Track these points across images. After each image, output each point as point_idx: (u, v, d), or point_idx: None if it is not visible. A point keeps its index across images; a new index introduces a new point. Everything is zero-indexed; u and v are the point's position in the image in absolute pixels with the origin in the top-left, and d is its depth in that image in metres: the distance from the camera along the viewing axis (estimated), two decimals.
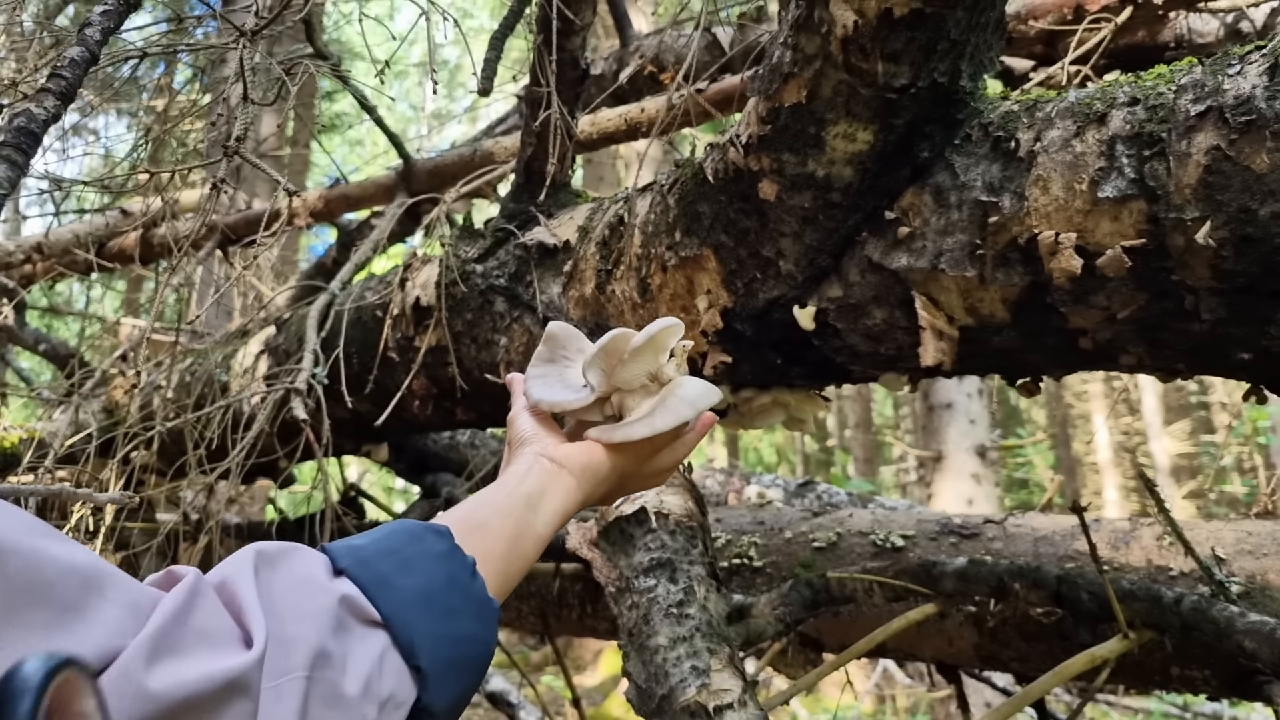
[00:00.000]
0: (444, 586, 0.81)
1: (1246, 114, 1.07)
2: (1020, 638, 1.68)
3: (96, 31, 1.63)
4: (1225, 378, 1.34)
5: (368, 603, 0.75)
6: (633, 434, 1.09)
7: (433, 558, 0.83)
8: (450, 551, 0.85)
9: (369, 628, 0.74)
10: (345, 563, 0.78)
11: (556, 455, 1.07)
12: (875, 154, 1.31)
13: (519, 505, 0.99)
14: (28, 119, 1.58)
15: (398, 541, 0.84)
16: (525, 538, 0.98)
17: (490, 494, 1.00)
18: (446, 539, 0.87)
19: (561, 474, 1.05)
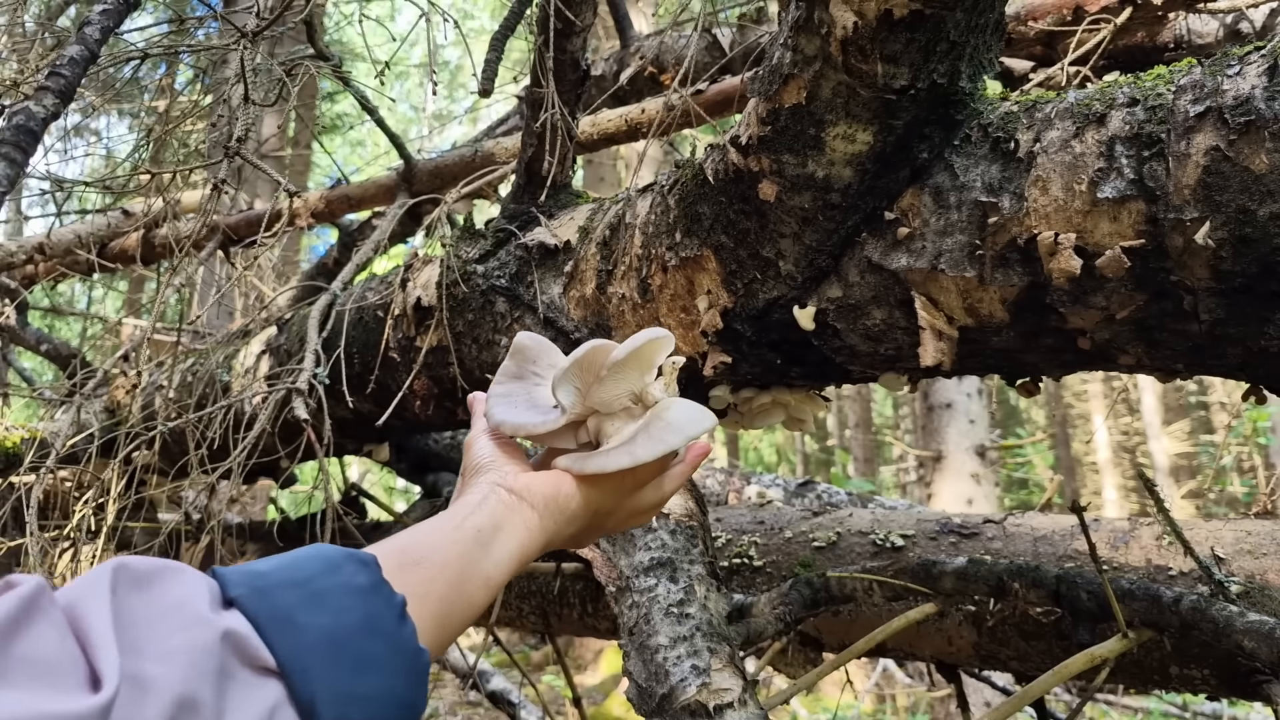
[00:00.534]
0: (361, 629, 0.67)
1: (1245, 115, 1.07)
2: (1019, 637, 1.68)
3: (96, 30, 1.63)
4: (1224, 378, 1.34)
5: (260, 643, 0.61)
6: (609, 464, 0.95)
7: (351, 593, 0.69)
8: (374, 586, 0.71)
9: (258, 675, 0.60)
10: (238, 590, 0.64)
11: (517, 486, 0.93)
12: (875, 155, 1.31)
13: (467, 540, 0.85)
14: (27, 117, 1.59)
15: (309, 569, 0.70)
16: (472, 579, 0.83)
17: (435, 525, 0.87)
18: (371, 571, 0.72)
19: (521, 508, 0.92)
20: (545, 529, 0.93)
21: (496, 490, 0.93)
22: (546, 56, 1.79)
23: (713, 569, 1.57)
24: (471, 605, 0.84)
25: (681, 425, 0.97)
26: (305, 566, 0.70)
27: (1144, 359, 1.30)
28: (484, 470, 0.97)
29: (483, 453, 1.00)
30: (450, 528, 0.87)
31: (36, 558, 2.12)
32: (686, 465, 1.06)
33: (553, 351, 1.10)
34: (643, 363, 1.01)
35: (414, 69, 17.49)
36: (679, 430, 0.96)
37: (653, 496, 1.04)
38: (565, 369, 0.99)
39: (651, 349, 1.00)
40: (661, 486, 1.05)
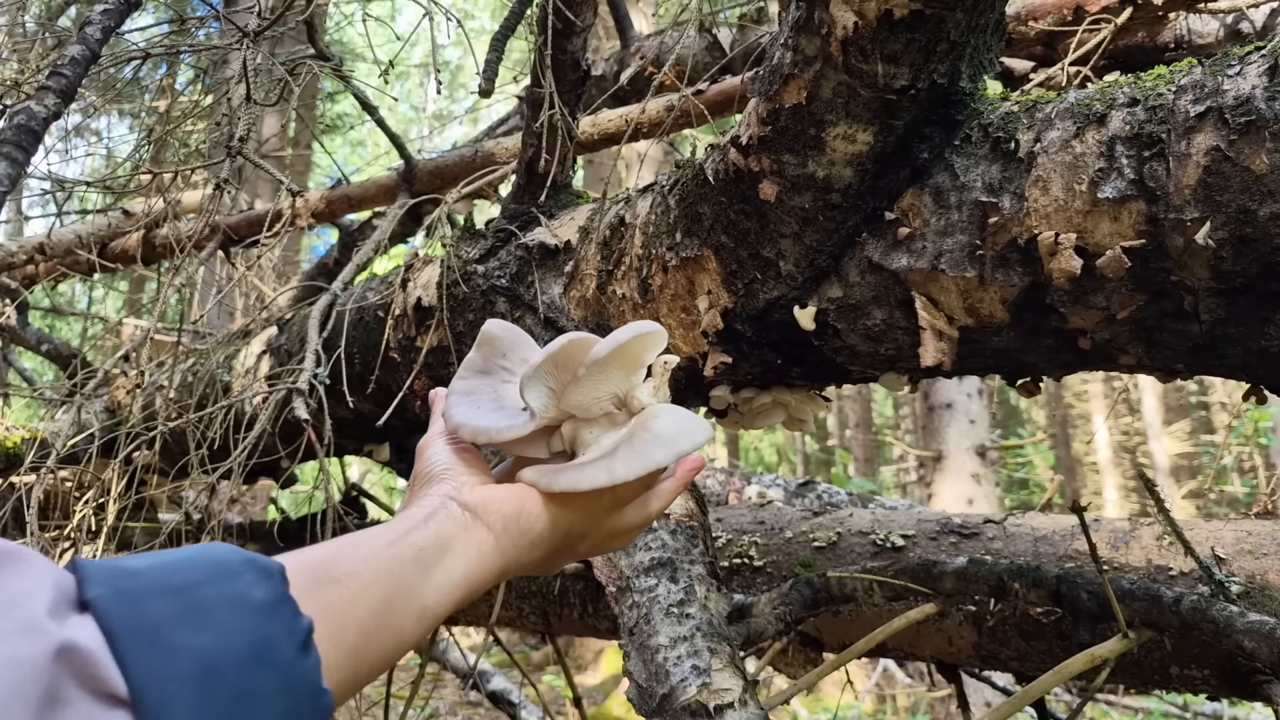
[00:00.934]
0: (249, 657, 0.53)
1: (1246, 115, 1.07)
2: (1020, 637, 1.68)
3: (97, 30, 1.63)
4: (1224, 378, 1.34)
5: (111, 664, 0.48)
6: (581, 482, 0.82)
7: (244, 609, 0.56)
8: (274, 604, 0.58)
9: (101, 706, 0.46)
10: (97, 590, 0.51)
11: (472, 501, 0.81)
12: (875, 155, 1.31)
13: (405, 559, 0.73)
14: (28, 116, 1.59)
15: (195, 573, 0.57)
16: (404, 607, 0.71)
17: (368, 536, 0.74)
18: (274, 584, 0.60)
19: (475, 527, 0.79)
20: (502, 553, 0.80)
21: (448, 504, 0.80)
22: (546, 56, 1.79)
23: (713, 569, 1.57)
24: (399, 638, 0.70)
25: (670, 438, 0.83)
26: (190, 569, 0.57)
27: (1144, 359, 1.30)
28: (436, 480, 0.85)
29: (437, 459, 0.89)
30: (386, 542, 0.74)
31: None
32: (677, 481, 0.93)
33: (526, 344, 0.98)
34: (629, 361, 0.89)
35: (415, 69, 17.49)
36: (667, 444, 0.83)
37: (635, 517, 0.91)
38: (537, 365, 0.87)
39: (639, 345, 0.88)
40: (646, 505, 0.92)
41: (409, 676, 4.14)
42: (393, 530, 0.76)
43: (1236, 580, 1.57)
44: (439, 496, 0.82)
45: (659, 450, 0.83)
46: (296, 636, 0.58)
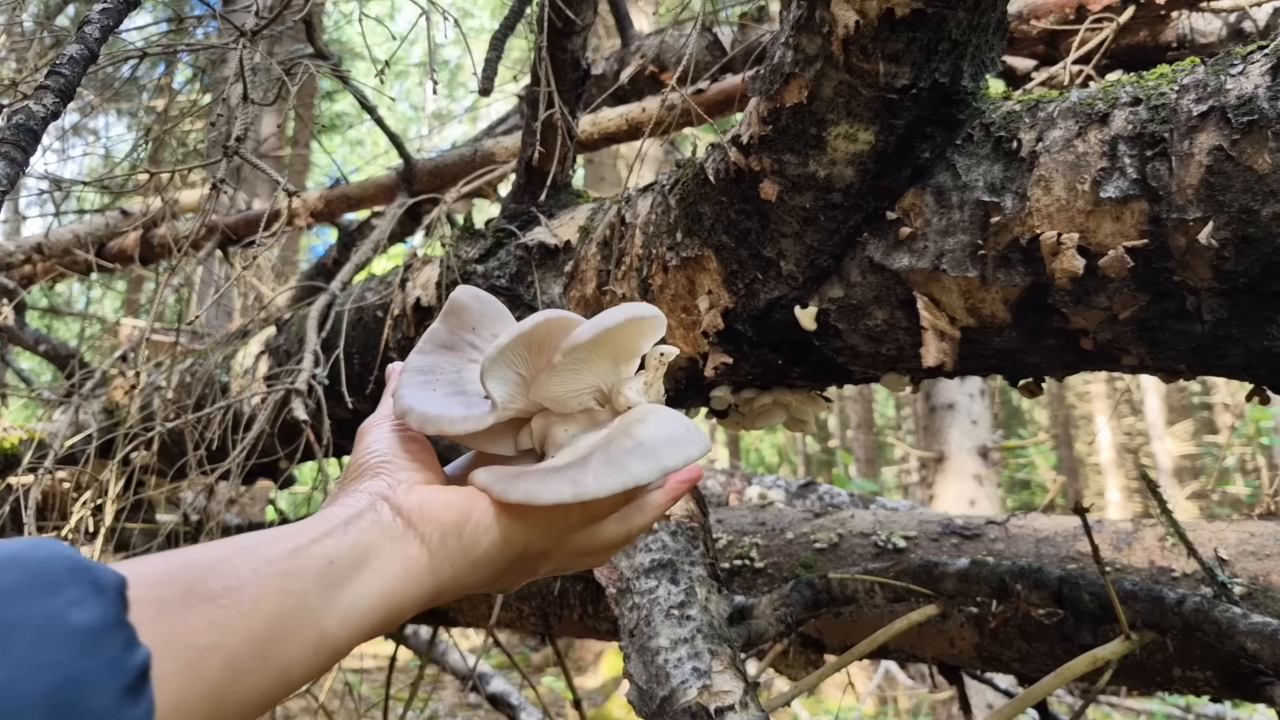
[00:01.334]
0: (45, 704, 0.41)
1: (1249, 114, 1.07)
2: (1022, 639, 1.68)
3: (96, 29, 1.62)
4: (1227, 378, 1.34)
5: None
6: (541, 494, 0.68)
7: (56, 635, 0.44)
8: (99, 631, 0.46)
9: None
10: None
11: (407, 504, 0.67)
12: (876, 154, 1.30)
13: (305, 574, 0.59)
14: (26, 116, 1.58)
15: (5, 579, 0.45)
16: (295, 634, 0.57)
17: (266, 541, 0.61)
18: (105, 602, 0.47)
19: (406, 539, 0.66)
20: (436, 573, 0.66)
21: (377, 506, 0.67)
22: (546, 55, 1.78)
23: (714, 570, 1.57)
24: (285, 674, 0.57)
25: (655, 449, 0.69)
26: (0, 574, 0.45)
27: (1146, 359, 1.29)
28: (370, 473, 0.72)
29: (376, 447, 0.75)
30: (287, 549, 0.60)
31: None
32: (666, 495, 0.80)
33: (501, 317, 0.85)
34: (617, 349, 0.76)
35: (414, 68, 17.50)
36: (651, 456, 0.69)
37: (613, 533, 0.78)
38: (503, 346, 0.72)
39: (631, 332, 0.75)
40: (628, 520, 0.78)
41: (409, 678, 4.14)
42: (300, 534, 0.62)
43: (1239, 582, 1.56)
44: (368, 495, 0.68)
45: (641, 463, 0.68)
46: (123, 676, 0.45)
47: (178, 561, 0.56)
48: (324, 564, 0.60)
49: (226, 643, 0.53)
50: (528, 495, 0.68)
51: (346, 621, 0.60)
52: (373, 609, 0.62)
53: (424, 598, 0.66)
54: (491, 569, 0.70)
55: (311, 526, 0.64)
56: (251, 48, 1.66)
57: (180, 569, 0.55)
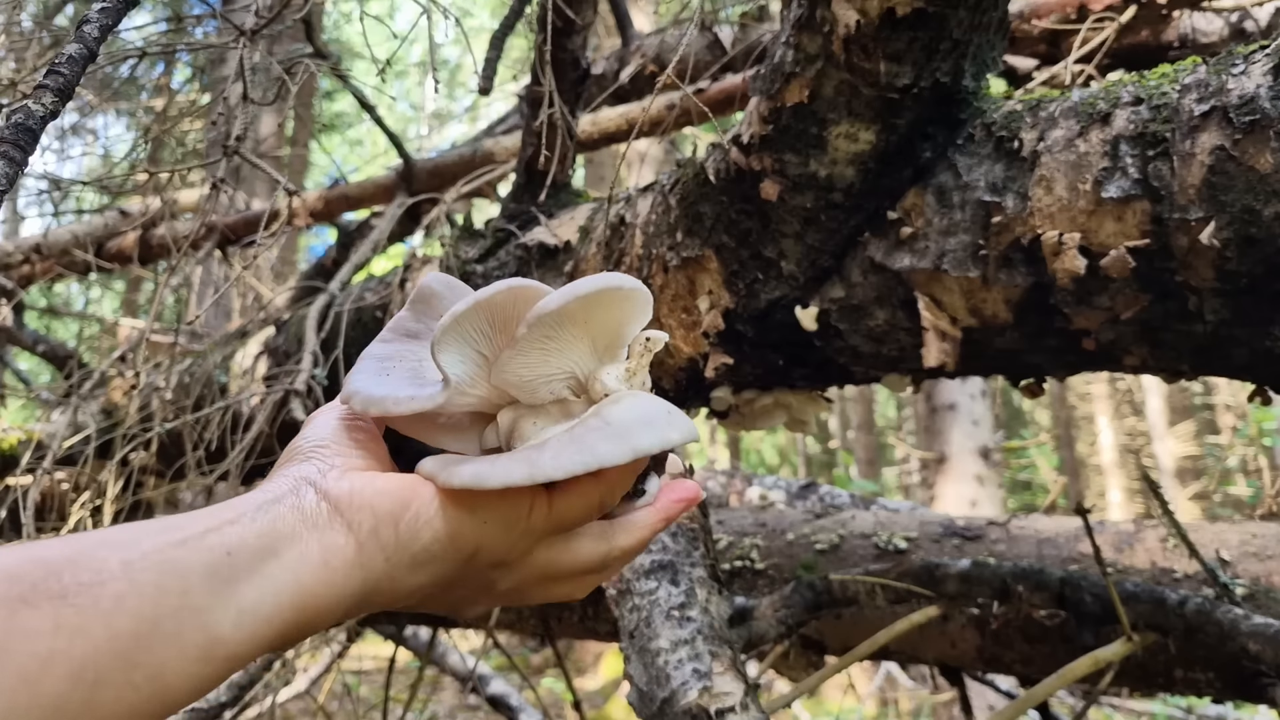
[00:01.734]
0: None
1: (1250, 114, 1.07)
2: (1023, 640, 1.67)
3: (95, 29, 1.62)
4: (1229, 378, 1.34)
5: None
6: (492, 477, 0.58)
7: None
8: None
9: None
10: None
11: (337, 489, 0.58)
12: (877, 154, 1.30)
13: (191, 567, 0.50)
14: (25, 115, 1.58)
15: None
16: (174, 638, 0.48)
17: (151, 530, 0.52)
18: None
19: (331, 526, 0.56)
20: (366, 567, 0.56)
21: (300, 491, 0.58)
22: (546, 54, 1.78)
23: (714, 572, 1.56)
24: (161, 686, 0.47)
25: (627, 429, 0.60)
26: None
27: (1148, 360, 1.29)
28: (301, 458, 0.63)
29: (313, 433, 0.66)
30: (173, 539, 0.51)
31: None
32: (657, 513, 0.69)
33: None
34: (594, 328, 0.66)
35: (413, 67, 17.49)
36: (621, 436, 0.59)
37: (590, 552, 0.66)
38: (460, 313, 0.63)
39: (608, 305, 0.65)
40: (609, 539, 0.67)
41: (408, 679, 4.14)
42: (196, 522, 0.53)
43: (1241, 582, 1.56)
44: (292, 480, 0.59)
45: (608, 443, 0.58)
46: None
47: (30, 555, 0.48)
48: (219, 555, 0.51)
49: (77, 649, 0.44)
50: (474, 479, 0.58)
51: (244, 624, 0.51)
52: (279, 608, 0.52)
53: (350, 597, 0.56)
54: (436, 571, 0.60)
55: (214, 513, 0.55)
56: (251, 47, 1.65)
57: (29, 564, 0.47)
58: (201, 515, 0.54)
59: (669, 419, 0.62)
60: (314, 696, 2.94)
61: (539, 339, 0.64)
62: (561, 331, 0.65)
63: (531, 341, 0.64)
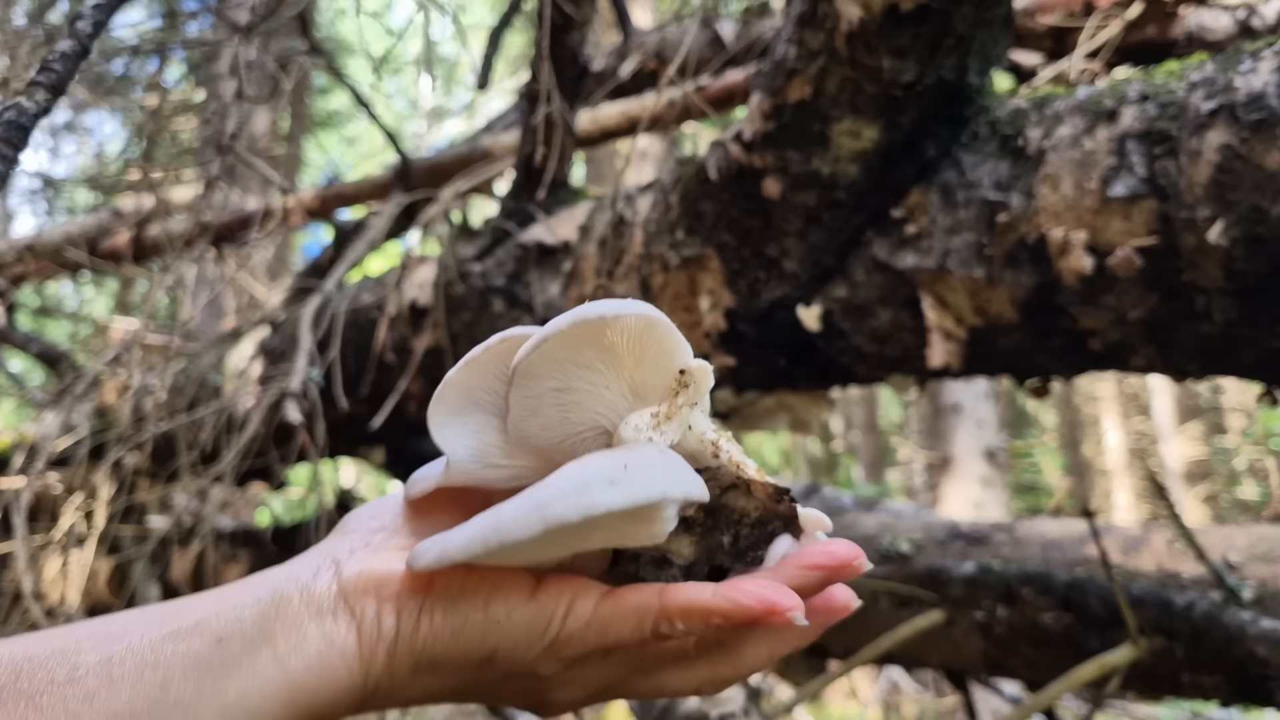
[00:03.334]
0: None
1: (1258, 112, 1.06)
2: (1029, 644, 1.66)
3: (88, 24, 1.60)
4: (1237, 379, 1.32)
5: None
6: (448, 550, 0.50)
7: None
8: None
9: None
10: None
11: (349, 571, 0.53)
12: (881, 152, 1.29)
13: (175, 662, 0.48)
14: (18, 112, 1.56)
15: None
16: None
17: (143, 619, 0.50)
18: None
19: (335, 614, 0.51)
20: (367, 661, 0.51)
21: (322, 570, 0.53)
22: (545, 51, 1.76)
23: None
24: None
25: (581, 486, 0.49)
26: None
27: (1155, 360, 1.28)
28: (345, 530, 0.59)
29: (384, 504, 0.61)
30: (167, 630, 0.48)
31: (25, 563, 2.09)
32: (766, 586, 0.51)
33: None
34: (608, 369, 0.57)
35: (410, 64, 17.48)
36: (569, 495, 0.48)
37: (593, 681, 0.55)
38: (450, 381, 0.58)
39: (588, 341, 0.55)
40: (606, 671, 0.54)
41: None
42: (196, 607, 0.50)
43: (1249, 586, 1.54)
44: (319, 556, 0.55)
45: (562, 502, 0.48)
46: None
47: (10, 652, 0.47)
48: (208, 645, 0.48)
49: None
50: (435, 559, 0.50)
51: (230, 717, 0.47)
52: (266, 703, 0.48)
53: (351, 694, 0.51)
54: (445, 679, 0.53)
55: (222, 595, 0.52)
56: (245, 43, 1.64)
57: (5, 662, 0.46)
58: (210, 597, 0.52)
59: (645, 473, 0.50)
60: None
61: (529, 395, 0.57)
62: (570, 380, 0.57)
63: (525, 399, 0.57)
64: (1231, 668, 1.47)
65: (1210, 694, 1.55)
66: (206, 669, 0.47)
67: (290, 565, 0.54)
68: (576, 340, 0.55)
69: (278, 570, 0.54)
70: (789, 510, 0.58)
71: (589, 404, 0.57)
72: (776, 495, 0.57)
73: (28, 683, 0.45)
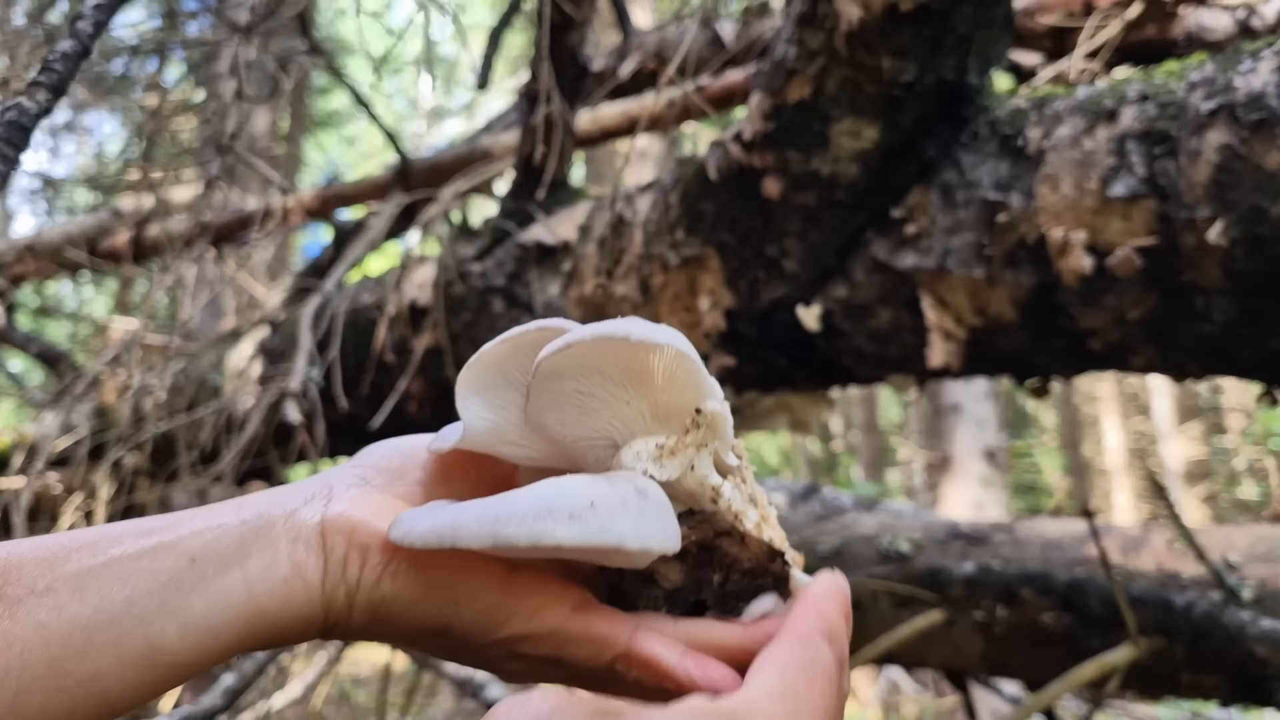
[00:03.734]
0: None
1: (1258, 112, 1.06)
2: (1029, 644, 1.66)
3: (88, 24, 1.60)
4: (1237, 379, 1.33)
5: None
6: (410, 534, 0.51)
7: None
8: None
9: None
10: None
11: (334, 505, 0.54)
12: (881, 151, 1.29)
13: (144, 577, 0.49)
14: (19, 112, 1.56)
15: None
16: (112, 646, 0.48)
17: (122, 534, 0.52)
18: None
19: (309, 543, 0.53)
20: (329, 598, 0.52)
21: (315, 497, 0.55)
22: (545, 51, 1.76)
23: None
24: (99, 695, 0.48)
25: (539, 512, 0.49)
26: None
27: (1156, 360, 1.28)
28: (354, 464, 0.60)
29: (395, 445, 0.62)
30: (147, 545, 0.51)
31: None
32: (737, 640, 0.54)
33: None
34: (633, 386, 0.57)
35: (410, 64, 17.46)
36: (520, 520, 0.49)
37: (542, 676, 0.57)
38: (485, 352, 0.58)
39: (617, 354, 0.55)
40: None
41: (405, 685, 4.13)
42: (187, 522, 0.52)
43: (1249, 586, 1.54)
44: (318, 483, 0.57)
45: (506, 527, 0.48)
46: None
47: (13, 553, 0.49)
48: (182, 563, 0.50)
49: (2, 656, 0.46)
50: (401, 534, 0.51)
51: (189, 634, 0.49)
52: (228, 622, 0.50)
53: (310, 623, 0.52)
54: (399, 632, 0.54)
55: (217, 511, 0.53)
56: (245, 43, 1.64)
57: (2, 563, 0.48)
58: (204, 514, 0.53)
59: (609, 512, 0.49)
60: (310, 703, 2.93)
61: (550, 392, 0.57)
62: (592, 386, 0.56)
63: (554, 393, 0.56)
64: (1231, 668, 1.47)
65: (1210, 694, 1.55)
66: (175, 586, 0.49)
67: (293, 487, 0.56)
68: (600, 353, 0.55)
69: (280, 491, 0.56)
70: (781, 571, 0.57)
71: (606, 414, 0.57)
72: (771, 554, 0.57)
73: (11, 589, 0.47)
